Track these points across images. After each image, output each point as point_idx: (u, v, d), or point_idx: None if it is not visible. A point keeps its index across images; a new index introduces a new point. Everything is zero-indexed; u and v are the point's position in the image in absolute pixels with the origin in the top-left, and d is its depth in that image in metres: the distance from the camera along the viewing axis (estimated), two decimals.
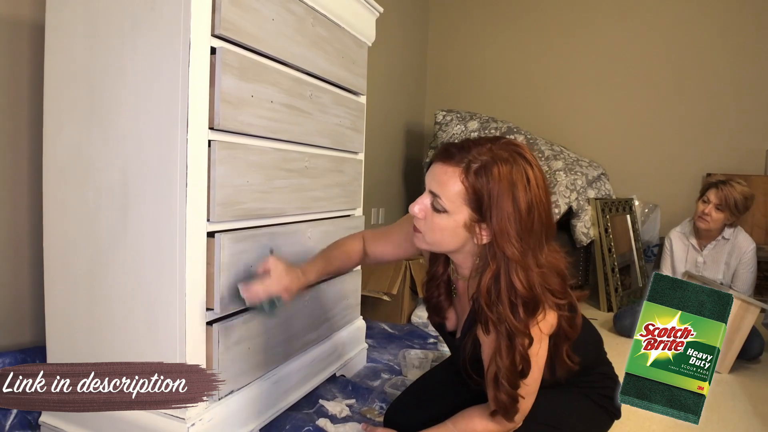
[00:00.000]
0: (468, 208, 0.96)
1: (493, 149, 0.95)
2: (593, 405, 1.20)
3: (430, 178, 1.01)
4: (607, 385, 1.22)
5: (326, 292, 1.72)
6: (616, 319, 2.69)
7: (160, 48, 1.14)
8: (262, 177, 1.35)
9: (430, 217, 1.00)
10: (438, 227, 0.99)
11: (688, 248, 2.57)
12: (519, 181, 0.93)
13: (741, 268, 2.42)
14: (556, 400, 1.17)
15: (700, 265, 2.53)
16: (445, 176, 0.97)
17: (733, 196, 2.32)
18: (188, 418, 1.18)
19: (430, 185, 1.00)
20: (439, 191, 0.97)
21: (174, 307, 1.16)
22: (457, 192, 0.95)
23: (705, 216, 2.38)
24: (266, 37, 1.33)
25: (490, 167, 0.93)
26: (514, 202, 0.92)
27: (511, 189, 0.92)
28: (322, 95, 1.61)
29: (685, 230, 2.58)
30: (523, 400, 1.03)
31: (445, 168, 0.97)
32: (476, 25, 4.21)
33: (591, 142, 3.82)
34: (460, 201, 0.96)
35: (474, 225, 0.96)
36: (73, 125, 1.27)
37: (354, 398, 1.74)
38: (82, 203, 1.27)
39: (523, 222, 0.93)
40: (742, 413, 1.78)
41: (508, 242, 0.93)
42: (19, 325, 1.63)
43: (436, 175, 0.99)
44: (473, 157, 0.95)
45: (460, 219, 0.97)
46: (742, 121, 3.50)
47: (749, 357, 2.25)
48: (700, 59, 3.58)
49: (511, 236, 0.93)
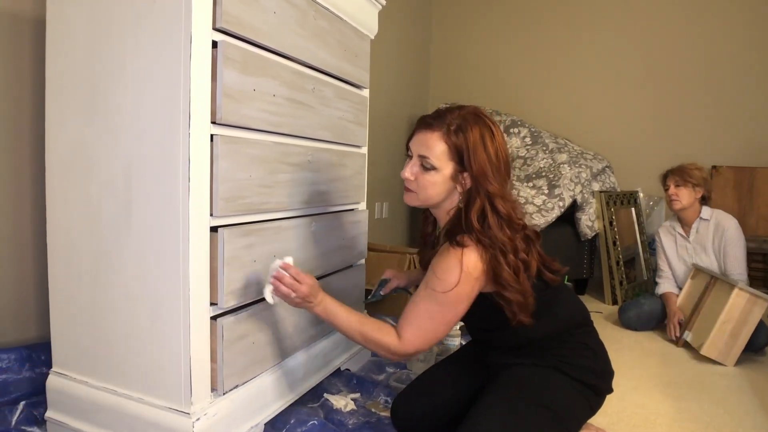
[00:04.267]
0: (452, 162, 1.18)
1: (462, 114, 1.19)
2: (574, 381, 1.23)
3: (417, 145, 1.21)
4: (586, 355, 1.27)
5: (331, 287, 1.72)
6: (621, 311, 2.68)
7: (161, 42, 1.14)
8: (265, 171, 1.35)
9: (421, 177, 1.20)
10: (429, 183, 1.20)
11: (676, 237, 2.65)
12: (486, 135, 1.17)
13: (729, 246, 2.46)
14: (538, 379, 1.22)
15: (690, 251, 2.59)
16: (431, 140, 1.18)
17: (686, 170, 2.51)
18: (193, 412, 1.18)
19: (418, 150, 1.20)
20: (428, 153, 1.18)
21: (178, 302, 1.16)
22: (443, 150, 1.17)
23: (673, 197, 2.54)
24: (268, 30, 1.32)
25: (464, 127, 1.17)
26: (486, 151, 1.16)
27: (483, 141, 1.16)
28: (324, 89, 1.61)
29: (671, 222, 2.70)
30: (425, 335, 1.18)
31: (429, 134, 1.19)
32: (479, 18, 4.19)
33: (595, 135, 3.79)
34: (445, 158, 1.18)
35: (458, 175, 1.18)
36: (75, 121, 1.27)
37: (359, 392, 1.75)
38: (85, 199, 1.27)
39: (494, 165, 1.17)
40: (748, 406, 1.77)
41: (487, 181, 1.16)
42: (24, 321, 1.64)
43: (423, 140, 1.20)
44: (449, 122, 1.18)
45: (447, 172, 1.18)
46: (748, 114, 3.46)
47: (755, 349, 2.24)
48: (706, 51, 3.55)
49: (488, 176, 1.16)
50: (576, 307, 1.34)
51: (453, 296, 1.14)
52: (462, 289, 1.13)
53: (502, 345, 1.31)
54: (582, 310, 1.36)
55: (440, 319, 1.17)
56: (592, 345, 1.30)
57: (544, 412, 1.17)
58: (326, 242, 1.66)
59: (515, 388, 1.21)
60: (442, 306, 1.15)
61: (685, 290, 2.54)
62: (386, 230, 3.66)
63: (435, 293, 1.15)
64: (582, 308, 1.36)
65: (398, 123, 3.80)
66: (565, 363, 1.24)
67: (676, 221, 2.66)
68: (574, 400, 1.23)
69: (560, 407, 1.19)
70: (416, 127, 1.23)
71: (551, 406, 1.18)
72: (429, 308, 1.16)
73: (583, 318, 1.34)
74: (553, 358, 1.24)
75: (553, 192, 3.08)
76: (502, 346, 1.31)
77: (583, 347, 1.28)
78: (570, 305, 1.33)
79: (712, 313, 2.25)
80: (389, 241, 3.66)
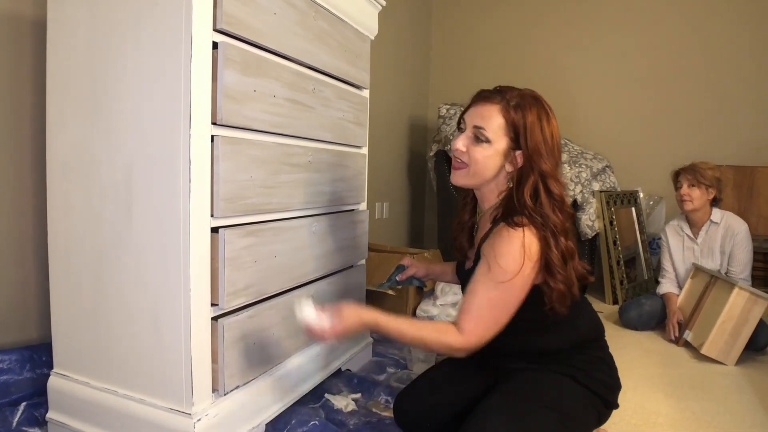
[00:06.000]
0: (506, 138, 1.17)
1: (521, 93, 1.19)
2: (587, 391, 1.22)
3: (473, 115, 1.20)
4: (601, 369, 1.26)
5: (331, 287, 1.72)
6: (621, 311, 2.68)
7: (162, 43, 1.14)
8: (266, 172, 1.35)
9: (472, 149, 1.19)
10: (481, 156, 1.18)
11: (684, 239, 2.62)
12: (543, 116, 1.17)
13: (736, 249, 2.45)
14: (549, 384, 1.21)
15: (697, 254, 2.57)
16: (488, 112, 1.17)
17: (699, 170, 2.46)
18: (194, 413, 1.18)
19: (474, 121, 1.19)
20: (484, 124, 1.17)
21: (179, 303, 1.16)
22: (500, 124, 1.17)
23: (685, 197, 2.50)
24: (268, 31, 1.32)
25: (524, 105, 1.16)
26: (542, 132, 1.16)
27: (539, 122, 1.16)
28: (325, 89, 1.61)
29: (678, 222, 2.66)
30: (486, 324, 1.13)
31: (487, 106, 1.18)
32: (480, 18, 4.19)
33: (595, 135, 3.79)
34: (501, 132, 1.17)
35: (510, 152, 1.17)
36: (75, 121, 1.27)
37: (360, 392, 1.75)
38: (86, 200, 1.27)
39: (548, 147, 1.16)
40: (748, 405, 1.77)
41: (542, 160, 1.15)
42: (25, 322, 1.64)
43: (480, 112, 1.19)
44: (509, 98, 1.17)
45: (500, 147, 1.17)
46: (749, 113, 3.47)
47: (756, 348, 2.24)
48: (706, 51, 3.55)
49: (543, 155, 1.15)
50: (594, 322, 1.33)
51: (518, 280, 1.11)
52: (525, 271, 1.11)
53: (512, 352, 1.29)
54: (599, 324, 1.34)
55: (502, 306, 1.13)
56: (608, 360, 1.29)
57: (552, 414, 1.15)
58: (327, 243, 1.66)
59: (526, 389, 1.19)
60: (505, 292, 1.12)
61: (686, 290, 2.54)
62: (387, 230, 3.67)
63: (496, 279, 1.11)
64: (599, 323, 1.35)
65: (398, 123, 3.80)
66: (581, 373, 1.22)
67: (684, 221, 2.62)
68: (584, 408, 1.21)
69: (569, 412, 1.17)
70: (473, 100, 1.22)
71: (559, 410, 1.16)
72: (490, 296, 1.12)
73: (599, 332, 1.32)
74: (570, 367, 1.23)
75: None
76: (512, 354, 1.29)
77: (599, 361, 1.27)
78: (590, 319, 1.31)
79: (713, 312, 2.25)
80: (390, 241, 3.66)
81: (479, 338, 1.13)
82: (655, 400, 1.80)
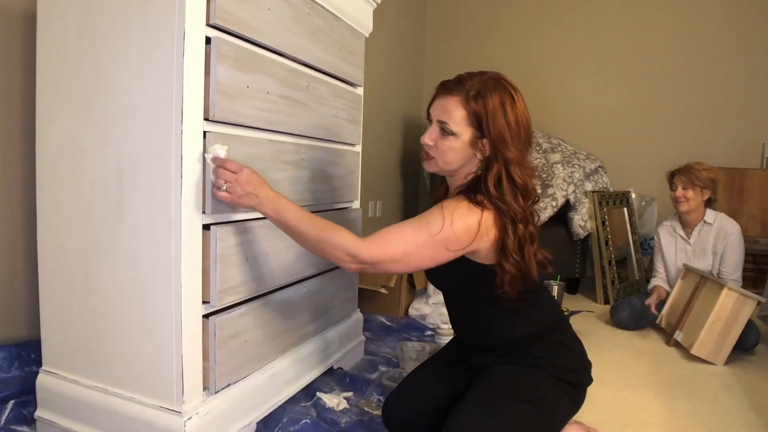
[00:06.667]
0: (471, 128, 1.17)
1: (482, 80, 1.17)
2: (553, 378, 1.24)
3: (437, 110, 1.20)
4: (562, 354, 1.27)
5: (323, 285, 1.72)
6: (612, 311, 2.70)
7: (154, 38, 1.13)
8: (258, 169, 1.33)
9: (440, 142, 1.19)
10: (449, 149, 1.19)
11: (676, 239, 2.64)
12: (506, 101, 1.16)
13: (728, 250, 2.48)
14: (518, 376, 1.23)
15: (690, 254, 2.59)
16: (450, 106, 1.18)
17: (694, 172, 2.47)
18: (185, 411, 1.17)
19: (438, 116, 1.20)
20: (447, 118, 1.18)
21: (169, 300, 1.15)
22: (462, 116, 1.17)
23: (681, 198, 2.51)
24: (262, 27, 1.31)
25: (484, 93, 1.15)
26: (505, 117, 1.15)
27: (502, 108, 1.15)
28: (318, 86, 1.60)
29: (672, 222, 2.68)
30: (393, 252, 1.14)
31: (448, 99, 1.18)
32: (474, 17, 4.19)
33: (588, 135, 3.81)
34: (464, 123, 1.17)
35: (476, 141, 1.17)
36: (66, 117, 1.26)
37: (351, 391, 1.74)
38: (77, 196, 1.25)
39: (513, 132, 1.15)
40: (737, 404, 1.79)
41: (506, 147, 1.15)
42: (14, 319, 1.62)
43: (442, 106, 1.19)
44: (469, 87, 1.17)
45: (466, 138, 1.17)
46: (739, 115, 3.49)
47: (745, 348, 2.26)
48: (698, 53, 3.57)
49: (507, 142, 1.15)
50: (552, 310, 1.35)
51: (451, 238, 1.12)
52: (464, 239, 1.12)
53: (478, 346, 1.33)
54: (557, 310, 1.37)
55: (420, 249, 1.14)
56: (568, 343, 1.31)
57: (527, 406, 1.17)
58: None
59: (497, 384, 1.22)
60: (432, 240, 1.13)
61: (676, 290, 2.56)
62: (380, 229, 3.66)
63: (431, 225, 1.13)
64: (558, 308, 1.37)
65: (392, 121, 3.79)
66: (543, 361, 1.25)
67: (677, 221, 2.64)
68: (555, 394, 1.23)
69: (542, 401, 1.20)
70: (436, 93, 1.23)
71: (533, 401, 1.18)
72: (416, 234, 1.14)
73: (557, 318, 1.34)
74: (532, 358, 1.25)
75: (545, 192, 3.09)
76: (481, 347, 1.32)
77: (560, 346, 1.29)
78: (546, 308, 1.33)
79: (702, 313, 2.26)
80: None
81: (375, 257, 1.14)
82: (645, 399, 1.81)
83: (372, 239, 1.16)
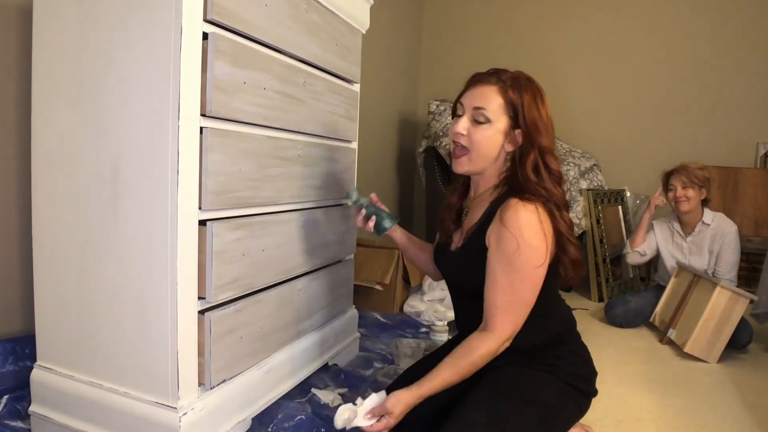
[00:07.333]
0: (506, 117, 1.20)
1: (516, 75, 1.23)
2: (564, 385, 1.24)
3: (472, 97, 1.22)
4: (575, 362, 1.28)
5: (319, 282, 1.72)
6: (607, 308, 2.71)
7: (151, 33, 1.12)
8: (255, 165, 1.34)
9: (473, 133, 1.21)
10: (483, 138, 1.20)
11: (673, 234, 2.65)
12: (538, 96, 1.22)
13: (724, 250, 2.49)
14: (528, 379, 1.22)
15: (685, 251, 2.59)
16: (487, 93, 1.20)
17: (691, 170, 2.48)
18: (180, 407, 1.17)
19: (473, 102, 1.21)
20: (483, 104, 1.20)
21: (165, 296, 1.15)
22: (499, 104, 1.20)
23: (681, 198, 2.49)
24: (260, 23, 1.31)
25: (519, 85, 1.20)
26: (538, 110, 1.20)
27: (535, 101, 1.20)
28: (315, 83, 1.60)
29: (670, 220, 2.68)
30: (515, 310, 1.15)
31: (486, 87, 1.21)
32: (470, 15, 4.19)
33: (583, 133, 3.82)
34: (501, 111, 1.20)
35: (510, 131, 1.20)
36: (62, 112, 1.25)
37: (346, 387, 1.75)
38: (72, 191, 1.25)
39: (544, 124, 1.20)
40: (729, 401, 1.80)
41: (540, 136, 1.19)
42: (8, 314, 1.61)
43: (479, 93, 1.21)
44: (505, 78, 1.21)
45: (501, 126, 1.20)
46: (734, 114, 3.51)
47: (738, 346, 2.28)
48: (692, 52, 3.59)
49: (541, 132, 1.19)
50: (566, 314, 1.34)
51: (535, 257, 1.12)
52: (542, 247, 1.12)
53: None
54: (570, 316, 1.36)
55: (525, 287, 1.13)
56: (581, 352, 1.31)
57: (531, 409, 1.16)
58: (316, 237, 1.66)
59: (505, 385, 1.20)
60: (525, 272, 1.12)
61: (669, 288, 2.57)
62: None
63: (513, 259, 1.11)
64: (570, 315, 1.36)
65: (388, 119, 3.79)
66: (557, 368, 1.24)
67: (676, 221, 2.63)
68: (562, 400, 1.22)
69: (547, 406, 1.18)
70: (469, 83, 1.25)
71: (539, 405, 1.17)
72: (510, 279, 1.12)
73: (571, 325, 1.34)
74: (546, 365, 1.24)
75: None
76: None
77: (573, 354, 1.28)
78: (562, 312, 1.32)
79: (696, 311, 2.28)
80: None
81: (511, 331, 1.15)
82: (639, 396, 1.82)
83: (494, 323, 1.14)
